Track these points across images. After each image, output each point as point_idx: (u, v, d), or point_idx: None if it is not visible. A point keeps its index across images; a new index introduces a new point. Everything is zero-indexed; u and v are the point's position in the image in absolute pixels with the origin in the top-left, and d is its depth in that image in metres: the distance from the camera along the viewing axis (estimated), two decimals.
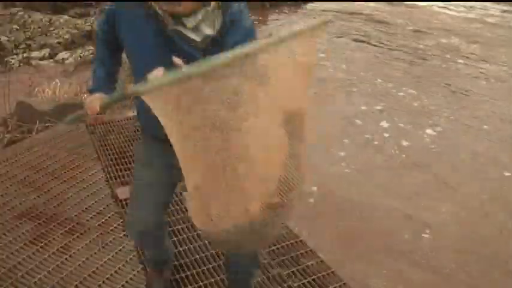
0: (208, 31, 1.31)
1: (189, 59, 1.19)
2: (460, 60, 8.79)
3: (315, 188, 3.71)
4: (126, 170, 3.11)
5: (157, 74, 1.15)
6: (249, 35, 1.32)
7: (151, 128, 1.47)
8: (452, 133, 5.49)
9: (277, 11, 15.90)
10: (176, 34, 1.32)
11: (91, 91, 1.58)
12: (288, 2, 16.82)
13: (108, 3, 1.59)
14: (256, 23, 13.72)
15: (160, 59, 1.24)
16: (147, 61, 1.34)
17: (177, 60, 1.17)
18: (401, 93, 7.17)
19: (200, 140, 1.05)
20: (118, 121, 3.91)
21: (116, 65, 1.67)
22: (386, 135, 5.51)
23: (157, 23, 1.33)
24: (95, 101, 1.46)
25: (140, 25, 1.40)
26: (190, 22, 1.29)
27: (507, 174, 4.38)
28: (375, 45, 10.65)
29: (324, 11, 16.13)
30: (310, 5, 17.24)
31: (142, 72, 1.28)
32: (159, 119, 1.09)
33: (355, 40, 11.29)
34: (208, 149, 1.05)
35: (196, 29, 1.31)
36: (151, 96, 1.06)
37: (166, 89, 1.04)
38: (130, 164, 3.18)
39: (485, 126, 5.63)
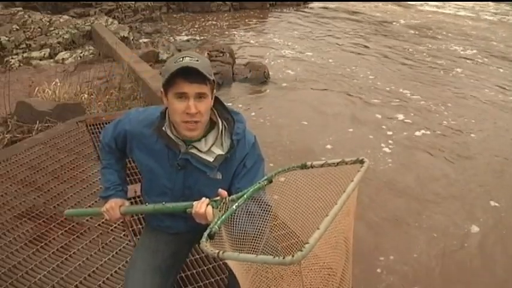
0: (219, 151, 1.43)
1: (203, 177, 1.44)
2: (458, 69, 8.70)
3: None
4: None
5: (202, 205, 1.29)
6: (257, 161, 1.49)
7: (155, 220, 1.64)
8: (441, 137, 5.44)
9: (277, 10, 15.92)
10: (190, 156, 1.43)
11: (106, 197, 1.61)
12: (288, 2, 16.85)
13: (121, 116, 1.61)
14: (256, 20, 13.71)
15: (174, 180, 1.48)
16: (161, 182, 1.50)
17: (222, 191, 1.29)
18: (399, 93, 7.17)
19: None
20: None
21: (124, 168, 1.73)
22: (383, 131, 5.52)
23: (170, 147, 1.45)
24: (115, 208, 1.57)
25: (154, 149, 1.48)
26: (202, 146, 1.43)
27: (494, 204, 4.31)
28: (374, 46, 10.65)
29: (324, 9, 16.13)
30: (310, 5, 17.26)
31: (156, 191, 1.53)
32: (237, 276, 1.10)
33: (355, 41, 11.29)
34: None
35: (208, 150, 1.43)
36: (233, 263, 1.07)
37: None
38: (129, 164, 3.18)
39: (472, 135, 5.56)
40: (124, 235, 2.46)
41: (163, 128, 1.44)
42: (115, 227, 2.52)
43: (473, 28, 13.15)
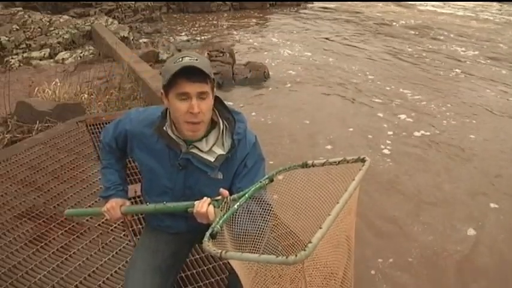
0: (220, 151, 1.43)
1: (204, 177, 1.43)
2: (457, 69, 8.62)
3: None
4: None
5: (204, 204, 1.28)
6: (257, 161, 1.48)
7: (155, 220, 1.64)
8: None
9: (277, 10, 15.93)
10: (191, 156, 1.43)
11: (107, 197, 1.61)
12: (288, 2, 16.86)
13: (122, 116, 1.61)
14: (256, 20, 13.71)
15: (175, 180, 1.48)
16: (162, 182, 1.50)
17: (223, 191, 1.29)
18: (400, 94, 7.17)
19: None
20: None
21: (124, 168, 1.73)
22: (376, 130, 5.52)
23: (171, 147, 1.45)
24: (116, 208, 1.56)
25: (155, 149, 1.48)
26: (203, 146, 1.42)
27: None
28: (375, 46, 10.65)
29: (324, 9, 16.14)
30: (310, 5, 17.26)
31: (156, 190, 1.52)
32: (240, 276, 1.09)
33: (355, 41, 11.29)
34: None
35: (209, 150, 1.43)
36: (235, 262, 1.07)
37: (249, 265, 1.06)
38: (130, 164, 3.17)
39: (472, 136, 5.50)
40: (124, 235, 2.46)
41: (164, 128, 1.44)
42: (115, 227, 2.52)
43: (476, 29, 13.11)
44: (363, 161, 1.17)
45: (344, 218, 1.02)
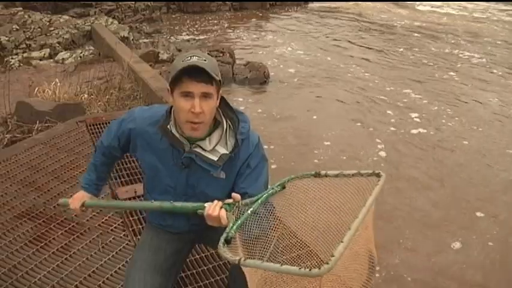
0: (223, 150, 1.44)
1: (207, 176, 1.44)
2: (452, 73, 8.51)
3: None
4: (125, 170, 3.11)
5: (216, 207, 1.27)
6: (261, 161, 1.49)
7: (156, 219, 1.65)
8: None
9: (277, 10, 15.90)
10: (194, 155, 1.43)
11: (82, 188, 1.69)
12: (288, 2, 16.85)
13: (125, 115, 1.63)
14: (256, 20, 13.71)
15: (177, 178, 1.48)
16: (164, 180, 1.51)
17: (235, 195, 1.30)
18: (400, 94, 7.17)
19: None
20: None
21: (107, 173, 1.77)
22: (371, 129, 5.53)
23: (175, 145, 1.45)
24: (80, 198, 1.63)
25: (159, 147, 1.49)
26: (206, 145, 1.43)
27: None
28: (375, 46, 10.64)
29: (324, 9, 16.14)
30: (311, 5, 17.24)
31: (158, 189, 1.53)
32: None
33: (356, 41, 11.28)
34: None
35: (212, 149, 1.44)
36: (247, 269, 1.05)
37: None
38: (130, 164, 3.18)
39: (465, 142, 5.42)
40: (124, 235, 2.46)
41: (168, 127, 1.44)
42: (115, 227, 2.52)
43: (483, 31, 12.99)
44: (378, 175, 1.16)
45: (362, 232, 1.02)
